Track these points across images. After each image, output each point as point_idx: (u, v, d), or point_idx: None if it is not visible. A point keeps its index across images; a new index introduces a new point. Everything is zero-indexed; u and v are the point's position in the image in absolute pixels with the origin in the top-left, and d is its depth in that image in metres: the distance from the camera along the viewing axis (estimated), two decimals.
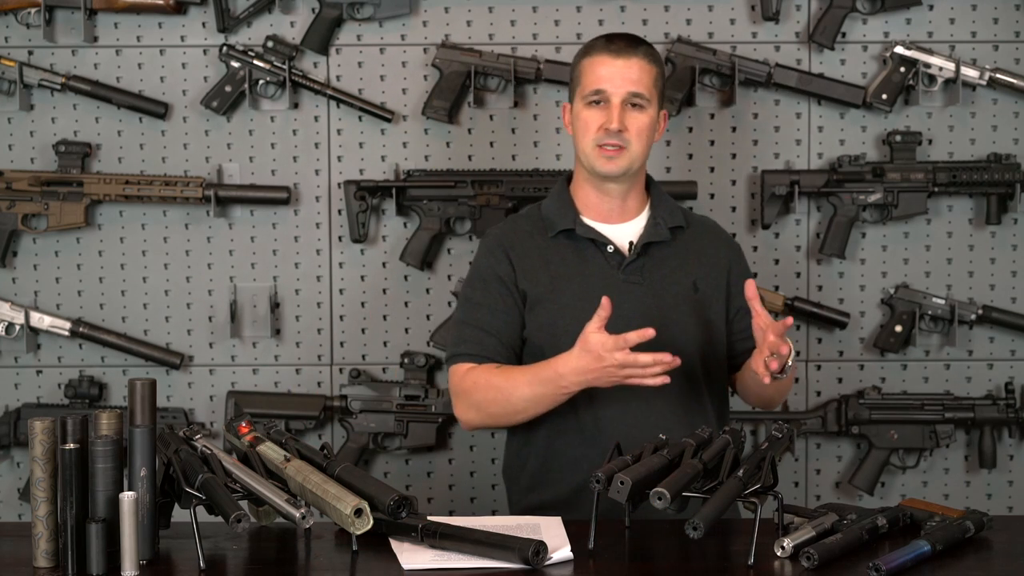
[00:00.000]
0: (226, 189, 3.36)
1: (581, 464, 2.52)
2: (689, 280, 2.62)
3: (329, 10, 3.34)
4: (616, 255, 2.60)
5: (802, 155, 3.40)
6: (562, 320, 2.55)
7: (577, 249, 2.61)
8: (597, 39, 2.64)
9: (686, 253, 2.64)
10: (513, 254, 2.62)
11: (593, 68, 2.58)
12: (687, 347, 2.55)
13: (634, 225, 2.64)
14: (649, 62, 2.59)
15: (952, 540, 2.13)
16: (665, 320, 2.54)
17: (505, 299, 2.60)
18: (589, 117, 2.56)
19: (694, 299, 2.61)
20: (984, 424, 3.37)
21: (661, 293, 2.59)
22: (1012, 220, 3.40)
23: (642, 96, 2.56)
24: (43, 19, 3.32)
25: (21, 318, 3.37)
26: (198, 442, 2.21)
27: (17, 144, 3.41)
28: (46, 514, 2.06)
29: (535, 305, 2.59)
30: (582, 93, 2.58)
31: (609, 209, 2.63)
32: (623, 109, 2.54)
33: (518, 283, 2.60)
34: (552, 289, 2.58)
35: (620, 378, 2.40)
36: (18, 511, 3.42)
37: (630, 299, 2.56)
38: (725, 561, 2.15)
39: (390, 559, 2.09)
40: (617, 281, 2.57)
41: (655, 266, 2.61)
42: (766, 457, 2.18)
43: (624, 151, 2.55)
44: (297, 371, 3.44)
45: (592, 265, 2.60)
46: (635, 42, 2.61)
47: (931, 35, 3.38)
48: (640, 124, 2.56)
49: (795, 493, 3.41)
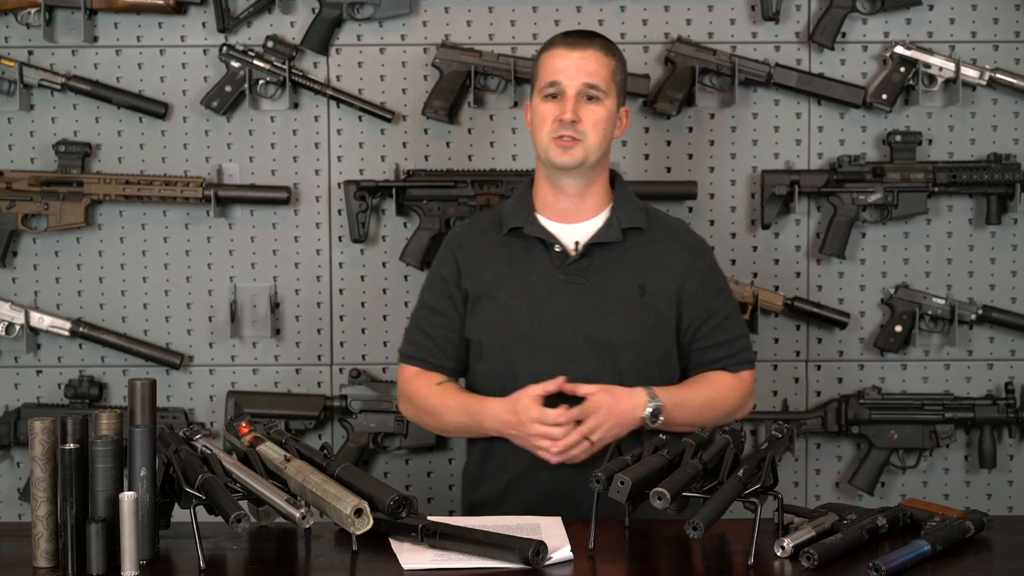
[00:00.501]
0: (226, 189, 3.36)
1: (510, 461, 2.54)
2: (636, 283, 2.57)
3: (329, 10, 3.34)
4: (561, 255, 2.58)
5: (802, 155, 3.40)
6: (498, 318, 2.56)
7: (526, 248, 2.60)
8: (556, 35, 2.63)
9: (638, 255, 2.60)
10: (460, 253, 2.63)
11: (550, 61, 2.57)
12: (625, 350, 2.54)
13: (590, 225, 2.61)
14: (606, 54, 2.57)
15: (952, 540, 2.13)
16: (604, 322, 2.54)
17: (446, 302, 2.63)
18: (545, 110, 2.55)
19: (639, 302, 2.57)
20: (984, 424, 3.37)
21: (604, 295, 2.56)
22: (1012, 220, 3.40)
23: (598, 88, 2.54)
24: (43, 19, 3.32)
25: (21, 318, 3.37)
26: (198, 442, 2.21)
27: (17, 144, 3.41)
28: (46, 514, 2.06)
29: (475, 303, 2.60)
30: (539, 87, 2.57)
31: (566, 208, 2.60)
32: (578, 101, 2.53)
33: (460, 283, 2.61)
34: (493, 287, 2.59)
35: (532, 446, 2.47)
36: (18, 511, 3.42)
37: (569, 299, 2.55)
38: (725, 561, 2.15)
39: (390, 559, 2.09)
40: (557, 281, 2.56)
41: (600, 267, 2.58)
42: (766, 457, 2.18)
43: (579, 143, 2.53)
44: (297, 371, 3.44)
45: (536, 265, 2.58)
46: (592, 35, 2.60)
47: (931, 35, 3.38)
48: (596, 116, 2.54)
49: (795, 493, 3.41)
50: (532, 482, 2.53)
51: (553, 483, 2.51)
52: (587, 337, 2.53)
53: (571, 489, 2.46)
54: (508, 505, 2.54)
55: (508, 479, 2.57)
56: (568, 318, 2.53)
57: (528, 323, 2.54)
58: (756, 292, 3.36)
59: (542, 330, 2.54)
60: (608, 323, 2.54)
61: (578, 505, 2.37)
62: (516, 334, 2.55)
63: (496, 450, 2.59)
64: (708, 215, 3.41)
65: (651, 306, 2.57)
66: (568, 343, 2.53)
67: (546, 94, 2.55)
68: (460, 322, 2.62)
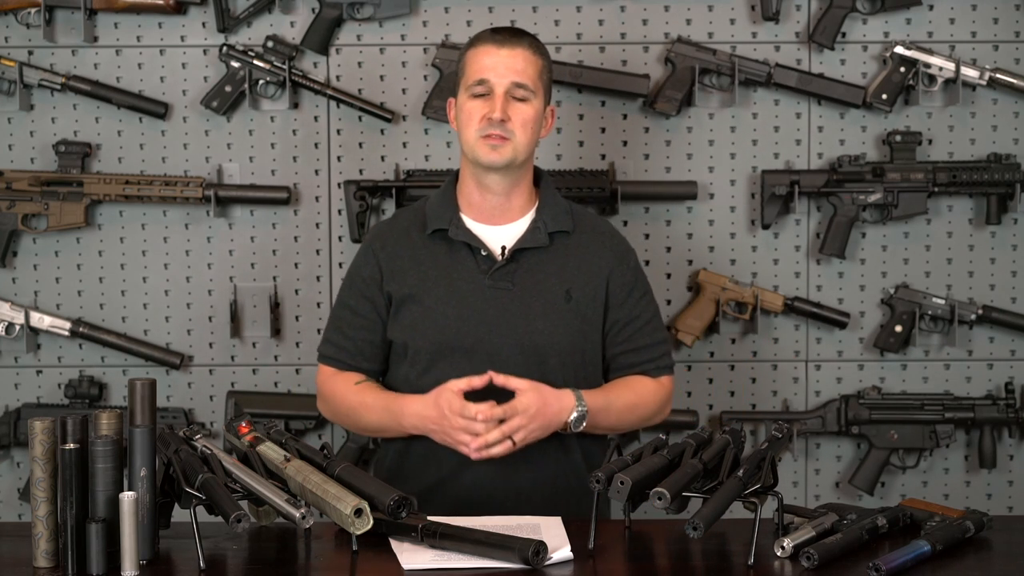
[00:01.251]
0: (226, 189, 3.36)
1: (431, 462, 2.52)
2: (563, 288, 2.56)
3: (329, 10, 3.34)
4: (488, 259, 2.55)
5: (802, 155, 3.40)
6: (423, 323, 2.54)
7: (450, 251, 2.57)
8: (483, 31, 2.60)
9: (564, 260, 2.58)
10: (383, 255, 2.59)
11: (477, 58, 2.54)
12: (549, 356, 2.53)
13: (515, 228, 2.59)
14: (534, 53, 2.55)
15: (952, 540, 2.13)
16: (531, 328, 2.53)
17: (366, 304, 2.60)
18: (473, 108, 2.52)
19: (565, 308, 2.55)
20: (984, 424, 3.37)
21: (530, 300, 2.54)
22: (1012, 220, 3.40)
23: (526, 87, 2.51)
24: (43, 19, 3.32)
25: (21, 318, 3.37)
26: (198, 442, 2.21)
27: (17, 144, 3.41)
28: (46, 514, 2.06)
29: (400, 306, 2.57)
30: (466, 84, 2.54)
31: (492, 208, 2.58)
32: (507, 100, 2.50)
33: (383, 285, 2.58)
34: (418, 291, 2.56)
35: (453, 441, 2.44)
36: (18, 511, 3.42)
37: (495, 305, 2.53)
38: (725, 561, 2.15)
39: (390, 559, 2.09)
40: (483, 286, 2.54)
41: (527, 272, 2.56)
42: (766, 457, 2.18)
43: (508, 142, 2.50)
44: (297, 371, 3.44)
45: (461, 268, 2.56)
46: (520, 33, 2.58)
47: (931, 35, 3.38)
48: (525, 115, 2.51)
49: (795, 493, 3.41)
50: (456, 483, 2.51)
51: (476, 484, 2.49)
52: (514, 343, 2.52)
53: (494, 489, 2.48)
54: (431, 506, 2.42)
55: (430, 480, 2.53)
56: (495, 324, 2.52)
57: (455, 329, 2.52)
58: (756, 292, 3.36)
59: (469, 336, 2.52)
60: (535, 329, 2.53)
61: (501, 504, 2.41)
62: (443, 340, 2.52)
63: (414, 452, 2.55)
64: (708, 215, 3.41)
65: (577, 311, 2.56)
66: (495, 349, 2.51)
67: (474, 92, 2.52)
68: (381, 324, 2.59)
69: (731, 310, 3.37)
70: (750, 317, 3.37)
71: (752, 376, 3.43)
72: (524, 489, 2.49)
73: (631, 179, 3.38)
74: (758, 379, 3.44)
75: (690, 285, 3.42)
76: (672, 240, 3.41)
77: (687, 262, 3.42)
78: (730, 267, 3.40)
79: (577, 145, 3.40)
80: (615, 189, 3.31)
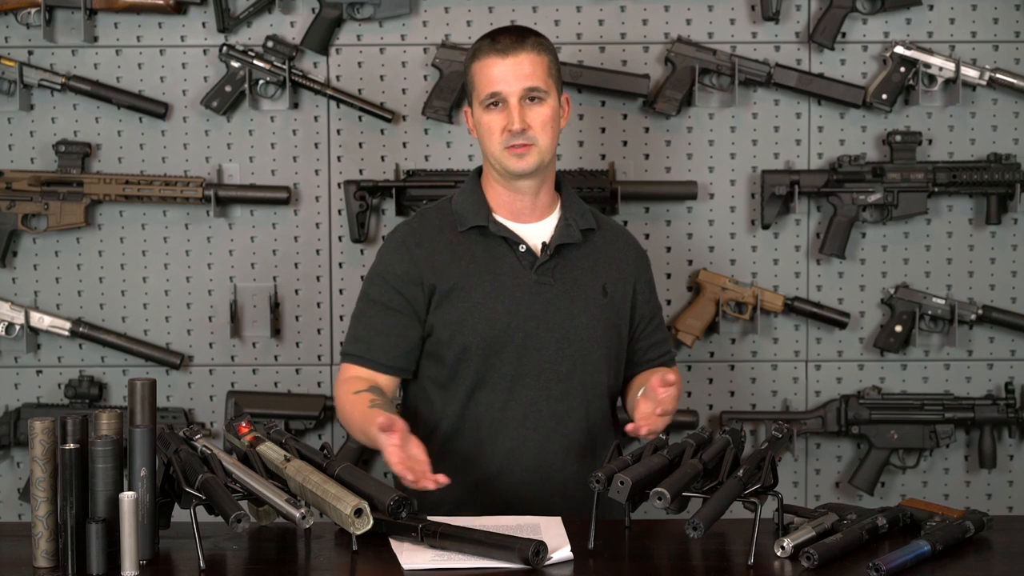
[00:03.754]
0: (226, 189, 3.36)
1: (473, 463, 2.52)
2: (599, 284, 2.60)
3: (329, 10, 3.34)
4: (528, 255, 2.57)
5: (802, 155, 3.40)
6: (471, 317, 2.54)
7: (488, 247, 2.58)
8: (483, 40, 2.58)
9: (597, 256, 2.62)
10: (419, 251, 2.58)
11: (484, 71, 2.53)
12: (593, 350, 2.57)
13: (546, 225, 2.61)
14: (539, 53, 2.54)
15: (952, 540, 2.13)
16: (574, 322, 2.55)
17: (400, 299, 2.57)
18: (491, 121, 2.53)
19: (603, 303, 2.59)
20: (984, 424, 3.37)
21: (571, 295, 2.57)
22: (1012, 220, 3.40)
23: (538, 89, 2.52)
24: (43, 19, 3.32)
25: (21, 318, 3.37)
26: (198, 442, 2.21)
27: (17, 144, 3.41)
28: (46, 514, 2.06)
29: (443, 299, 2.56)
30: (479, 98, 2.55)
31: (521, 207, 2.59)
32: (522, 107, 2.51)
33: (423, 279, 2.56)
34: (462, 285, 2.55)
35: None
36: (18, 511, 3.42)
37: (540, 300, 2.55)
38: (725, 561, 2.15)
39: (390, 559, 2.09)
40: (529, 281, 2.55)
41: (567, 268, 2.58)
42: (766, 457, 2.18)
43: (533, 147, 2.52)
44: (297, 371, 3.44)
45: (503, 264, 2.57)
46: (520, 36, 2.56)
47: (931, 35, 3.38)
48: (543, 117, 2.52)
49: (795, 493, 3.41)
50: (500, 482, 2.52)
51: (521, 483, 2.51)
52: (561, 337, 2.54)
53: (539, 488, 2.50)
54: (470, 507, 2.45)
55: (471, 480, 2.52)
56: (542, 319, 2.54)
57: (505, 324, 2.53)
58: (756, 292, 3.36)
59: (519, 330, 2.53)
60: (579, 324, 2.56)
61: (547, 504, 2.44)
62: (493, 335, 2.53)
63: (455, 451, 2.54)
64: (708, 215, 3.41)
65: (612, 306, 2.61)
66: (543, 344, 2.54)
67: (488, 104, 2.53)
68: (417, 321, 2.57)
69: (731, 310, 3.38)
70: (750, 317, 3.37)
71: (752, 376, 3.43)
72: (569, 486, 2.50)
73: (631, 179, 3.38)
74: (758, 379, 3.44)
75: (690, 285, 3.42)
76: (672, 240, 3.41)
77: (687, 262, 3.42)
78: (730, 267, 3.40)
79: (577, 145, 3.40)
80: (615, 189, 3.32)
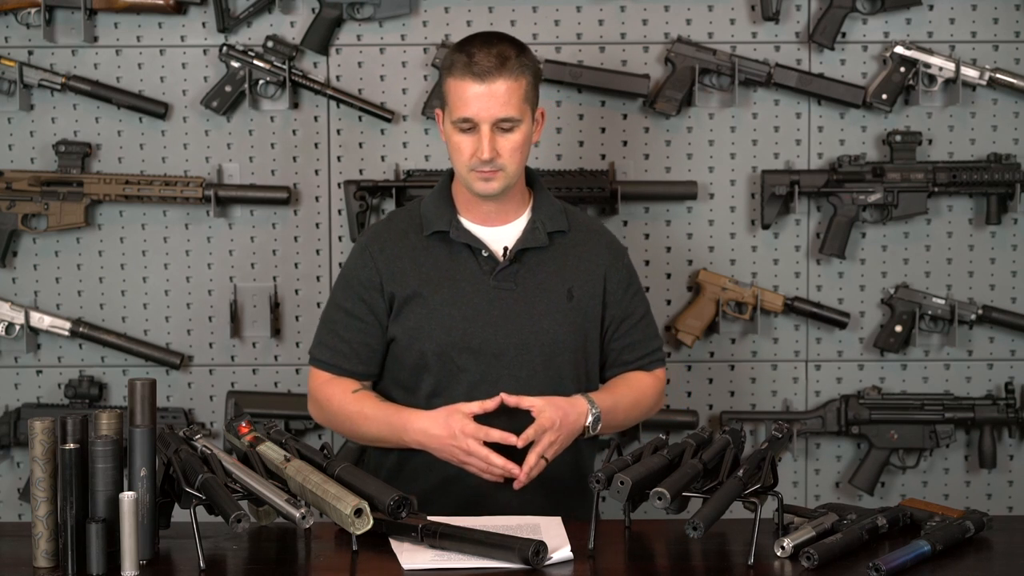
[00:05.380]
0: (226, 189, 3.36)
1: (436, 462, 2.50)
2: (564, 287, 2.57)
3: (329, 10, 3.34)
4: (490, 260, 2.55)
5: (802, 155, 3.40)
6: (428, 324, 2.53)
7: (451, 252, 2.57)
8: (459, 54, 2.49)
9: (564, 259, 2.59)
10: (381, 257, 2.57)
11: (459, 92, 2.48)
12: (556, 355, 2.55)
13: (513, 228, 2.59)
14: (516, 78, 2.48)
15: (952, 540, 2.13)
16: (535, 327, 2.54)
17: (362, 307, 2.57)
18: (461, 142, 2.50)
19: (567, 307, 2.57)
20: (984, 424, 3.37)
21: (533, 300, 2.55)
22: (1012, 220, 3.40)
23: (511, 119, 2.48)
24: (43, 19, 3.32)
25: (21, 318, 3.37)
26: (198, 442, 2.21)
27: (17, 144, 3.41)
28: (46, 514, 2.06)
29: (402, 307, 2.56)
30: (451, 116, 2.51)
31: (487, 211, 2.57)
32: (493, 134, 2.47)
33: (384, 286, 2.56)
34: (421, 292, 2.55)
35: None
36: (18, 511, 3.42)
37: (500, 306, 2.54)
38: (725, 561, 2.15)
39: (390, 559, 2.09)
40: (488, 287, 2.54)
41: (529, 273, 2.56)
42: (766, 457, 2.18)
43: (500, 173, 2.49)
44: (297, 371, 3.44)
45: (464, 269, 2.56)
46: (500, 58, 2.47)
47: (931, 35, 3.38)
48: (513, 144, 2.49)
49: (795, 493, 3.41)
50: (460, 484, 2.50)
51: (480, 484, 2.48)
52: (520, 344, 2.53)
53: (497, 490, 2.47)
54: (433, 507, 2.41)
55: (434, 481, 2.52)
56: (500, 324, 2.53)
57: (462, 330, 2.52)
58: (756, 292, 3.36)
59: (476, 337, 2.52)
60: (540, 329, 2.54)
61: (505, 505, 2.43)
62: (449, 341, 2.52)
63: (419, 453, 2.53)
64: (708, 215, 3.41)
65: (578, 310, 2.58)
66: (502, 350, 2.52)
67: (459, 127, 2.49)
68: (379, 327, 2.58)
69: (731, 310, 3.38)
70: (750, 317, 3.37)
71: (752, 376, 3.43)
72: (526, 490, 2.49)
73: (631, 179, 3.38)
74: (758, 379, 3.44)
75: (690, 285, 3.42)
76: (672, 240, 3.41)
77: (687, 262, 3.42)
78: (730, 267, 3.40)
79: (577, 145, 3.40)
80: (615, 189, 3.32)
